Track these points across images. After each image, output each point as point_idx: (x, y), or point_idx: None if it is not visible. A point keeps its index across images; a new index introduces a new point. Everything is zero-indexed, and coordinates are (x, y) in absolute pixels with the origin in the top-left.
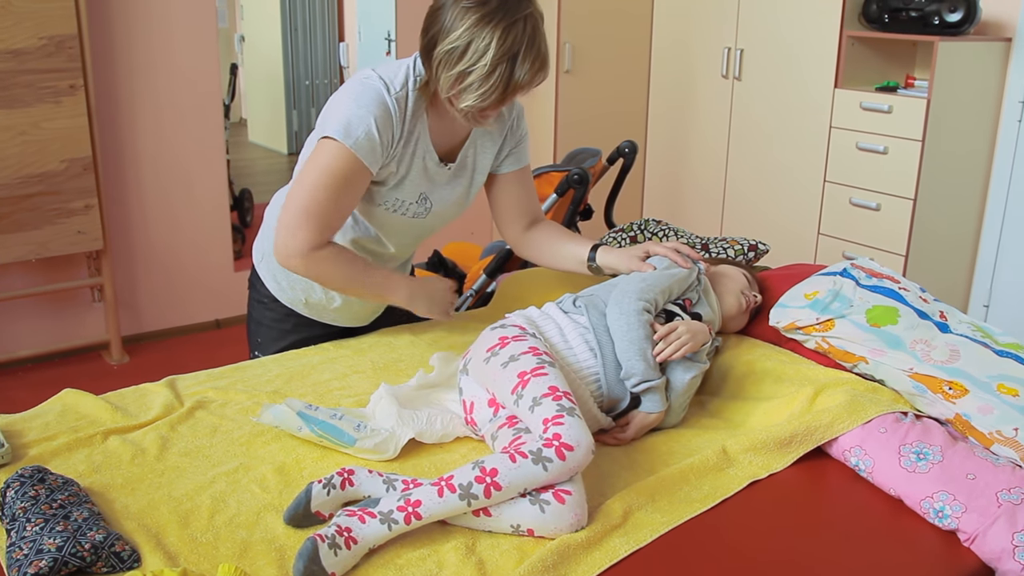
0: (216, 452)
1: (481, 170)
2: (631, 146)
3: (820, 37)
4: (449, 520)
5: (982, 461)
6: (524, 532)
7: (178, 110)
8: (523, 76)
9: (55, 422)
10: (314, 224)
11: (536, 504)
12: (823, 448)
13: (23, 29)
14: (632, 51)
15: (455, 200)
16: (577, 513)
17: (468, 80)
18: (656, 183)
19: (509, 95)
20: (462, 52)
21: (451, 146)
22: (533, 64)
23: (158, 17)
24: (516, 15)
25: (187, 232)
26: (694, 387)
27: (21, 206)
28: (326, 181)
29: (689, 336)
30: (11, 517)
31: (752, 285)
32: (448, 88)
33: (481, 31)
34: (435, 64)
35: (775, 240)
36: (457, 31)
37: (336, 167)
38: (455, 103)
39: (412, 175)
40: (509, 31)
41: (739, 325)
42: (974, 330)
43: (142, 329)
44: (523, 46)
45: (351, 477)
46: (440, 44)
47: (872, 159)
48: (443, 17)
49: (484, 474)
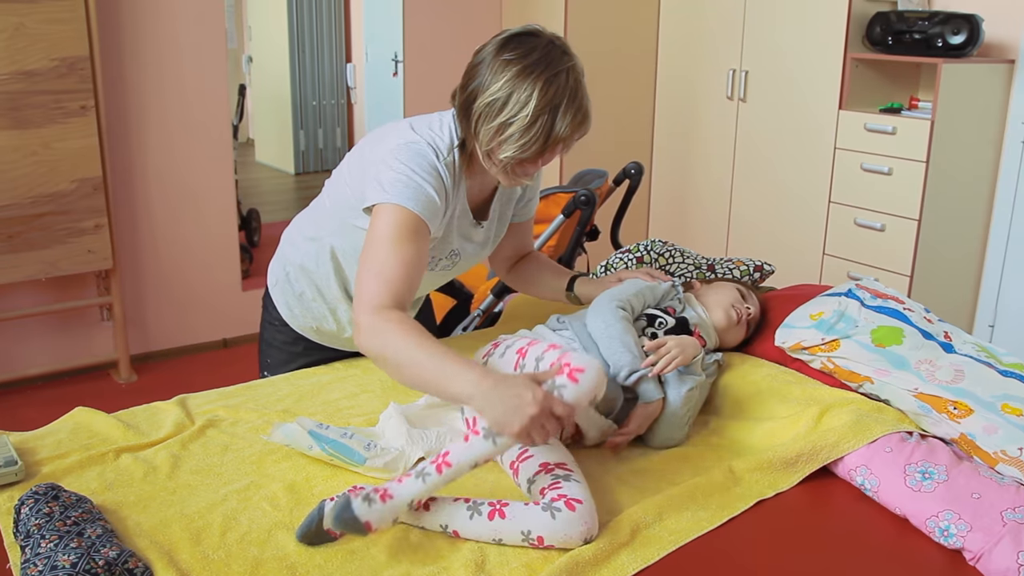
0: (227, 470)
1: (504, 220)
2: (637, 167)
3: (824, 59)
4: (461, 532)
5: (987, 480)
6: (534, 540)
7: (187, 131)
8: (564, 129)
9: (67, 440)
10: (375, 285)
11: (548, 511)
12: (829, 467)
13: (36, 51)
14: (637, 72)
15: (480, 253)
16: (587, 522)
17: (509, 131)
18: (662, 204)
19: (550, 147)
20: (503, 103)
21: (481, 200)
22: (575, 117)
23: (168, 39)
24: (558, 68)
25: (195, 252)
26: (694, 402)
27: (32, 225)
28: (380, 244)
29: (679, 350)
30: (26, 534)
31: (747, 298)
32: (488, 141)
33: (523, 83)
34: (474, 117)
35: (780, 261)
36: (498, 83)
37: (398, 227)
38: (494, 156)
39: (449, 235)
40: (551, 83)
41: (735, 338)
42: (978, 350)
43: (150, 348)
44: (565, 99)
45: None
46: (481, 97)
47: (877, 180)
48: (482, 71)
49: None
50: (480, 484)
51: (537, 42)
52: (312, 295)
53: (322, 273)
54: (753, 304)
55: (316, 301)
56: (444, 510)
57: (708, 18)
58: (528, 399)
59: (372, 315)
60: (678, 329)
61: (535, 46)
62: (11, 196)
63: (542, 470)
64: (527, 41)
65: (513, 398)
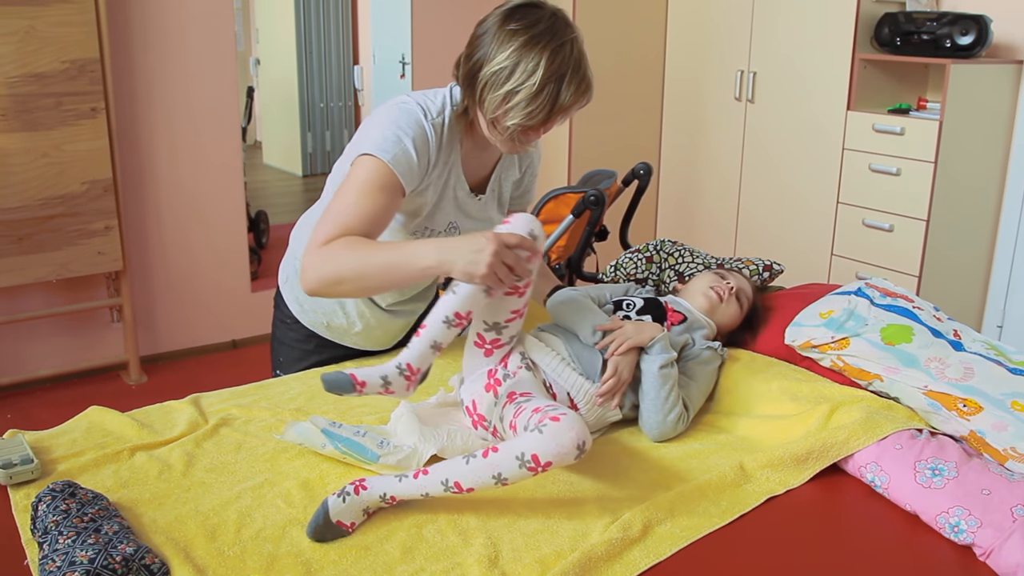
0: (241, 468)
1: (504, 202)
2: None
3: (833, 60)
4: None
5: (997, 477)
6: (529, 460)
7: (197, 133)
8: (568, 97)
9: (82, 438)
10: (327, 223)
11: (535, 431)
12: (839, 464)
13: (46, 53)
14: (646, 74)
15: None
16: (575, 428)
17: (516, 99)
18: (670, 204)
19: (555, 115)
20: (510, 72)
21: (480, 177)
22: (579, 86)
23: (178, 41)
24: (563, 38)
25: (205, 253)
26: (672, 382)
27: (43, 227)
28: (351, 185)
29: (634, 330)
30: (43, 530)
31: (725, 277)
32: (494, 108)
33: (529, 52)
34: (480, 86)
35: (789, 261)
36: (505, 52)
37: (367, 176)
38: (499, 123)
39: (444, 204)
40: (557, 53)
41: (731, 317)
42: (988, 348)
43: (160, 349)
44: (569, 68)
45: (363, 483)
46: (487, 66)
47: (885, 181)
48: (487, 41)
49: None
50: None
51: (541, 13)
52: None
53: None
54: (735, 279)
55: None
56: (442, 467)
57: (716, 19)
58: (483, 243)
59: (316, 249)
60: (647, 309)
61: (540, 17)
62: (22, 198)
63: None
64: (532, 12)
65: (470, 246)
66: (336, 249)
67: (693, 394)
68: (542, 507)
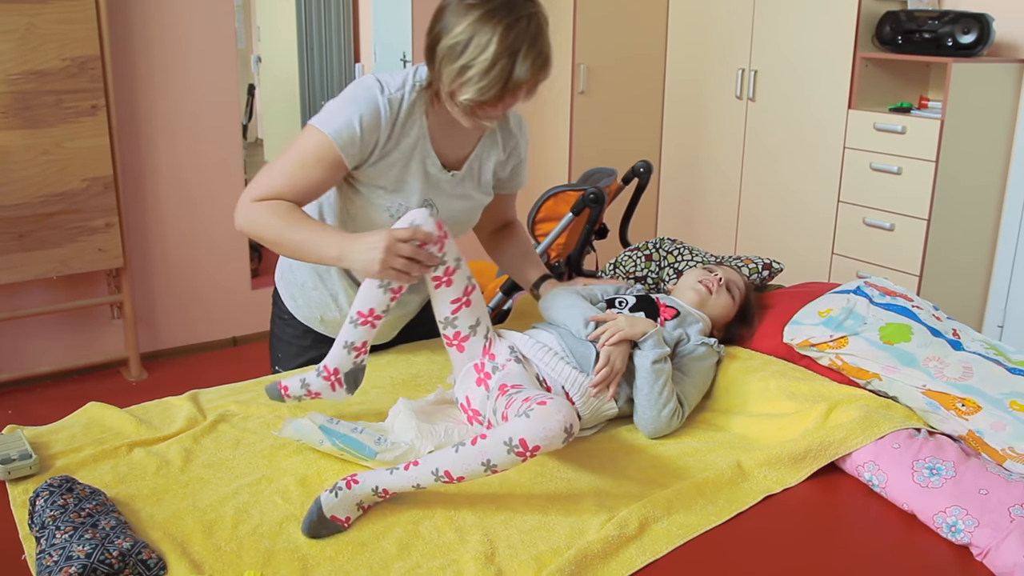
0: (239, 464)
1: (486, 183)
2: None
3: (834, 58)
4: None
5: (995, 476)
6: (517, 444)
7: (197, 130)
8: (523, 73)
9: (81, 434)
10: (263, 181)
11: (521, 415)
12: (837, 463)
13: (47, 51)
14: (647, 72)
15: (463, 212)
16: (564, 413)
17: (469, 74)
18: (671, 203)
19: (509, 91)
20: (464, 46)
21: (457, 155)
22: (535, 62)
23: (178, 39)
24: (520, 13)
25: (205, 250)
26: (666, 377)
27: (43, 224)
28: (291, 154)
29: (626, 322)
30: (41, 525)
31: (714, 270)
32: (449, 82)
33: (484, 26)
34: (438, 60)
35: (789, 260)
36: (461, 26)
37: (308, 146)
38: (455, 97)
39: (412, 179)
40: (512, 28)
41: (723, 309)
42: (987, 348)
43: (160, 346)
44: (524, 43)
45: (355, 477)
46: (444, 39)
47: (886, 179)
48: (446, 15)
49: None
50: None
51: None
52: (313, 283)
53: None
54: (723, 271)
55: (317, 289)
56: (432, 457)
57: (717, 18)
58: (375, 241)
59: (248, 203)
60: (639, 306)
61: None
62: (23, 195)
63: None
64: None
65: (366, 244)
66: (264, 210)
67: (688, 390)
68: (539, 504)
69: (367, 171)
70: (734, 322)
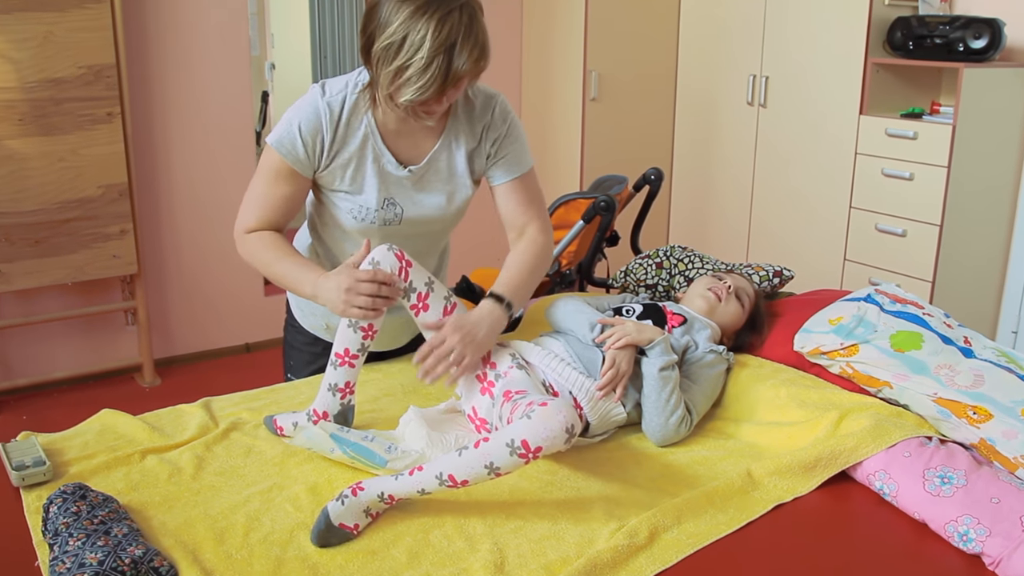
0: (250, 472)
1: (462, 174)
2: (657, 173)
3: (845, 64)
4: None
5: (1006, 485)
6: (519, 446)
7: (211, 137)
8: (462, 66)
9: (94, 441)
10: (246, 209)
11: (523, 417)
12: (848, 472)
13: (63, 59)
14: (658, 79)
15: (433, 207)
16: (564, 413)
17: (407, 75)
18: (682, 210)
19: (449, 86)
20: (399, 47)
21: (417, 150)
22: (471, 53)
23: (193, 47)
24: (451, 5)
25: (218, 257)
26: (673, 384)
27: (59, 231)
28: (258, 175)
29: (633, 327)
30: (54, 532)
31: (723, 278)
32: (388, 84)
33: (416, 23)
34: (374, 61)
35: (801, 266)
36: (392, 25)
37: (265, 163)
38: (395, 98)
39: (367, 179)
40: (444, 22)
41: (731, 318)
42: (998, 355)
43: (174, 352)
44: (459, 36)
45: (360, 485)
46: (377, 40)
47: (898, 185)
48: (379, 13)
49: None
50: (499, 485)
51: None
52: None
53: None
54: (733, 279)
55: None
56: (436, 462)
57: (728, 24)
58: (339, 282)
59: (241, 235)
60: (647, 314)
61: None
62: (39, 202)
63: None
64: None
65: (331, 285)
66: (254, 244)
67: (697, 397)
68: (548, 512)
69: (323, 176)
70: (744, 330)
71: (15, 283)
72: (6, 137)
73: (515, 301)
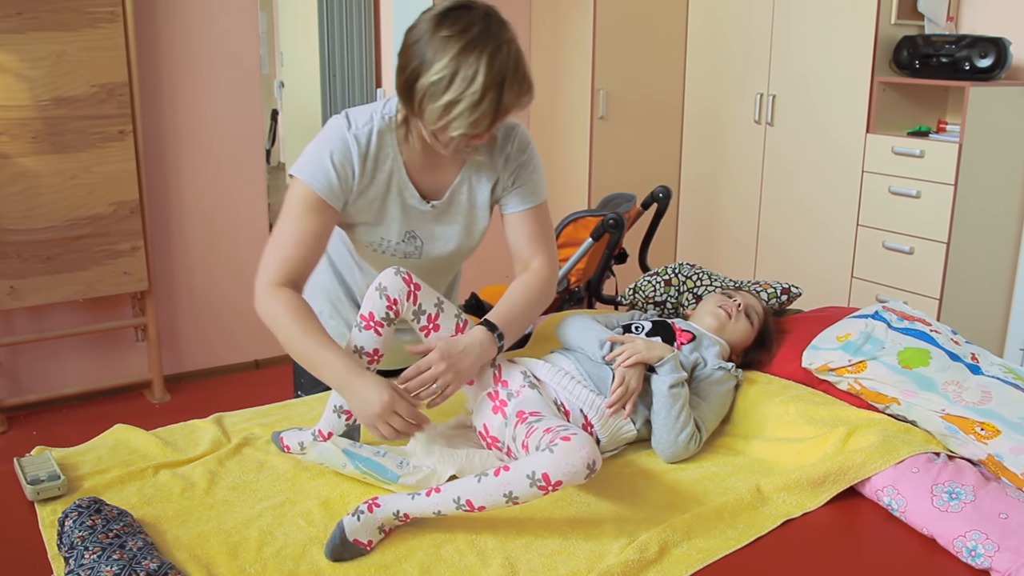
0: (263, 487)
1: (482, 206)
2: (665, 191)
3: (852, 83)
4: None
5: (1014, 501)
6: (540, 479)
7: (222, 155)
8: (511, 100)
9: (108, 456)
10: (272, 254)
11: (545, 450)
12: (856, 488)
13: (77, 77)
14: (665, 97)
15: (451, 238)
16: (585, 447)
17: (457, 109)
18: (690, 227)
19: (498, 119)
20: (449, 82)
21: (439, 184)
22: (520, 87)
23: (205, 65)
24: (499, 40)
25: (228, 274)
26: (683, 402)
27: (70, 247)
28: (284, 215)
29: (643, 344)
30: (69, 545)
31: (733, 296)
32: (435, 119)
33: (466, 59)
34: (418, 97)
35: (809, 283)
36: (441, 62)
37: (294, 198)
38: (442, 135)
39: (390, 212)
40: (495, 57)
41: (741, 335)
42: (1006, 372)
43: (183, 368)
44: (509, 71)
45: (376, 501)
46: (424, 76)
47: (905, 203)
48: (422, 50)
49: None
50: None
51: (474, 15)
52: (329, 312)
53: (331, 286)
54: (742, 297)
55: (333, 318)
56: (454, 485)
57: (735, 43)
58: (372, 400)
59: (266, 288)
60: (655, 331)
61: (472, 20)
62: (51, 219)
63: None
64: (464, 15)
65: (362, 398)
66: (278, 307)
67: (706, 414)
68: (559, 528)
69: (348, 210)
70: (753, 347)
71: (27, 299)
72: (19, 155)
73: (508, 332)
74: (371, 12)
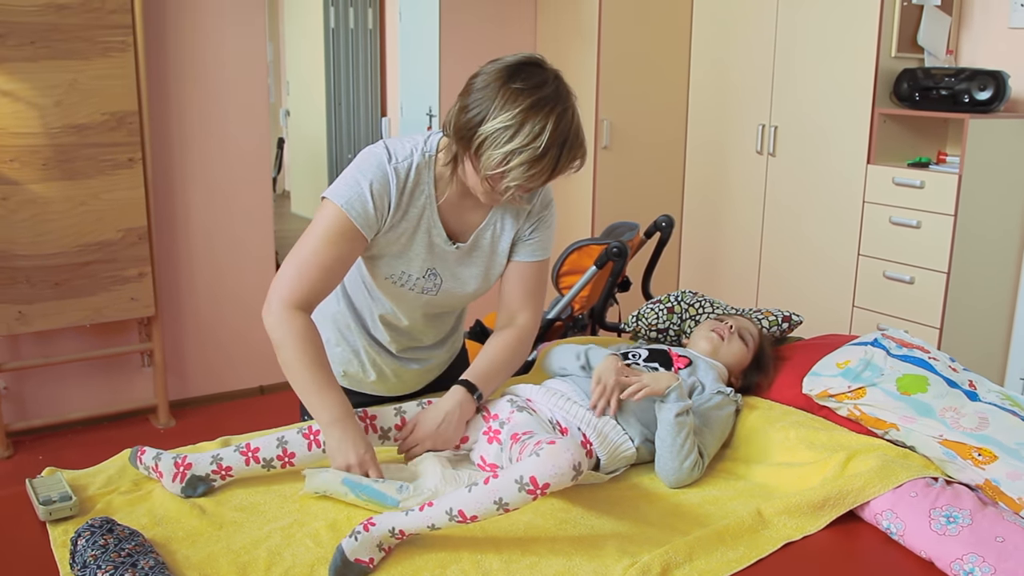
0: (271, 508)
1: (502, 252)
2: (668, 220)
3: (852, 114)
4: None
5: (1011, 525)
6: (528, 483)
7: (229, 183)
8: (567, 162)
9: (117, 477)
10: (291, 273)
11: (532, 454)
12: (855, 511)
13: (87, 105)
14: (668, 128)
15: (470, 280)
16: (572, 451)
17: (517, 159)
18: (692, 256)
19: (553, 176)
20: (515, 132)
21: (465, 226)
22: (576, 152)
23: (213, 94)
24: (566, 104)
25: (234, 300)
26: (688, 430)
27: (79, 273)
28: (309, 236)
29: (651, 379)
30: (82, 564)
31: (724, 319)
32: (494, 166)
33: (536, 114)
34: (478, 141)
35: (810, 312)
36: (511, 111)
37: (325, 221)
38: (496, 182)
39: (416, 248)
40: (562, 118)
41: (736, 357)
42: (1003, 399)
43: (189, 394)
44: (571, 134)
45: (371, 520)
46: (488, 122)
47: (905, 233)
48: (489, 97)
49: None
50: (514, 524)
51: (546, 75)
52: (336, 339)
53: (340, 312)
54: (735, 320)
55: (340, 345)
56: (446, 498)
57: (738, 75)
58: (350, 452)
59: (281, 307)
60: (653, 358)
61: (545, 80)
62: (60, 244)
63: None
64: (536, 73)
65: (342, 447)
66: (291, 333)
67: (707, 440)
68: (563, 549)
69: (376, 240)
70: (750, 370)
71: (34, 324)
72: (30, 181)
73: (486, 390)
74: (377, 43)
